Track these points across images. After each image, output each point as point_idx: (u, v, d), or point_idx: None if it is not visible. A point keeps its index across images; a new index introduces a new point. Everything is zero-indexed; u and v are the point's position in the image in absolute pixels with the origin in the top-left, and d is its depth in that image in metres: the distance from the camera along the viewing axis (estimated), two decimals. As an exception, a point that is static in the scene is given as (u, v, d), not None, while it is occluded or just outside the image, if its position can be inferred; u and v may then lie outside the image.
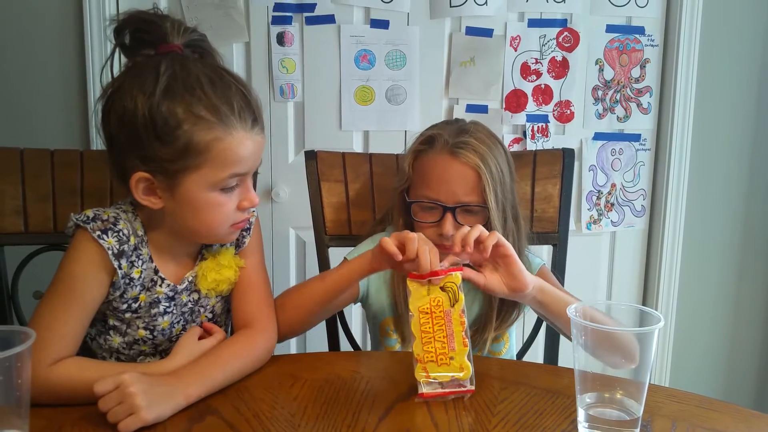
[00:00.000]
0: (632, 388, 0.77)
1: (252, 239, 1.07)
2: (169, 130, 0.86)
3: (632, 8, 1.84)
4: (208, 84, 0.88)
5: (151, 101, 0.86)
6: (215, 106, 0.87)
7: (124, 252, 0.92)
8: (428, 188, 1.11)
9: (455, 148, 1.09)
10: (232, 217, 0.93)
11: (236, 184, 0.92)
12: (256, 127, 0.91)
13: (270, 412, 0.84)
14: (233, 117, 0.88)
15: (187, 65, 0.89)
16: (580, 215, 1.93)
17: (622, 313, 0.84)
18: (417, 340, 0.89)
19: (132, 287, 0.94)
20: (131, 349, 0.99)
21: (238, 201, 0.93)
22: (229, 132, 0.88)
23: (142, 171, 0.89)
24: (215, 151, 0.87)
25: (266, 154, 1.81)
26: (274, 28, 1.77)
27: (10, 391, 0.70)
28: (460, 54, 1.81)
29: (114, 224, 0.92)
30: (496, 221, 1.09)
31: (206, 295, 1.02)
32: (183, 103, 0.86)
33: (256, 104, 0.93)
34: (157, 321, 0.98)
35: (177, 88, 0.86)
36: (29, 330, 0.72)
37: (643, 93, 1.90)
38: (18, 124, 1.77)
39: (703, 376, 2.06)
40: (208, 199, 0.90)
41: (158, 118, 0.86)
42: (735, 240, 1.99)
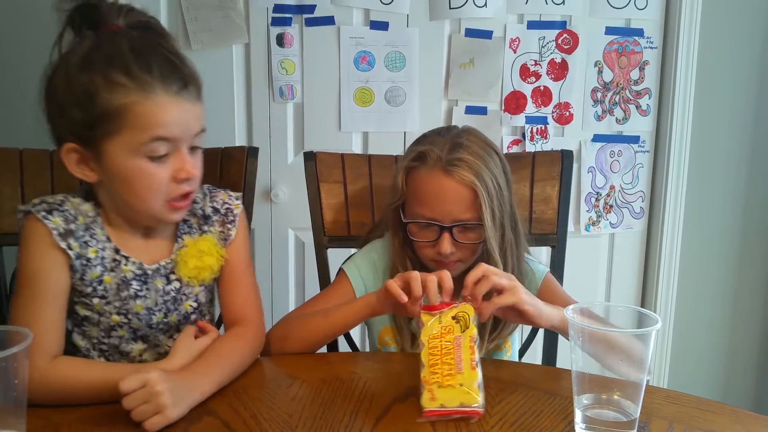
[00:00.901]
0: (629, 389, 0.77)
1: (239, 233, 1.06)
2: (88, 98, 0.87)
3: (631, 10, 1.84)
4: (130, 52, 0.89)
5: (70, 71, 0.88)
6: (132, 70, 0.87)
7: (72, 231, 0.92)
8: (423, 207, 1.08)
9: (449, 166, 1.05)
10: (166, 189, 0.92)
11: (166, 153, 0.90)
12: (184, 92, 0.90)
13: (267, 413, 0.84)
14: (152, 80, 0.88)
15: (114, 39, 0.90)
16: (578, 217, 1.93)
17: (620, 314, 0.84)
18: (426, 368, 0.86)
19: (90, 268, 0.94)
20: (110, 336, 0.98)
21: (172, 172, 0.91)
22: (147, 96, 0.88)
23: (70, 141, 0.90)
24: (132, 114, 0.87)
25: (265, 154, 1.81)
26: (274, 29, 1.77)
27: (7, 391, 0.70)
28: (459, 55, 1.82)
29: (60, 205, 0.93)
30: (492, 239, 1.07)
31: (188, 283, 1.01)
32: (101, 71, 0.88)
33: (189, 72, 0.92)
34: (129, 305, 0.96)
35: (97, 57, 0.88)
36: (26, 330, 0.72)
37: (642, 95, 1.91)
38: (17, 125, 1.77)
39: (701, 378, 2.06)
40: (135, 167, 0.89)
41: (76, 87, 0.88)
42: (733, 242, 1.99)
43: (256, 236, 1.85)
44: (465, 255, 1.10)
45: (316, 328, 1.06)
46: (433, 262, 1.11)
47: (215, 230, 1.04)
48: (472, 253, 1.11)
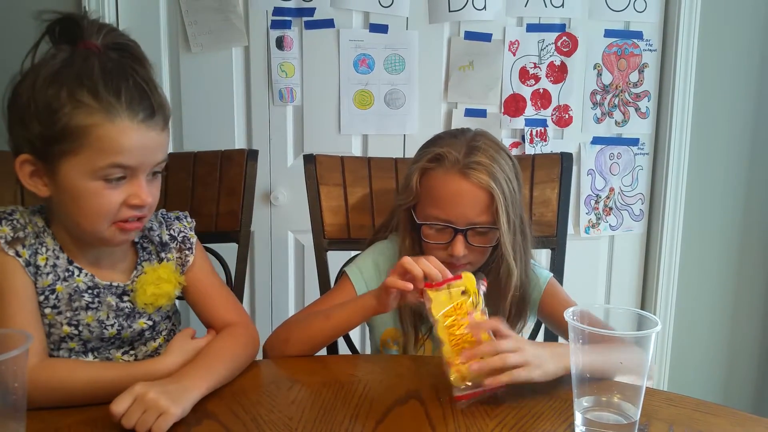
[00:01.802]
0: (629, 391, 0.77)
1: (196, 257, 1.06)
2: (51, 113, 0.86)
3: (630, 13, 1.85)
4: (101, 73, 0.87)
5: (38, 84, 0.87)
6: (99, 92, 0.86)
7: (19, 239, 0.91)
8: (438, 208, 1.08)
9: (466, 168, 1.05)
10: (115, 212, 0.90)
11: (123, 176, 0.89)
12: (149, 121, 0.88)
13: (267, 416, 0.84)
14: (118, 105, 0.86)
15: (88, 57, 0.88)
16: (578, 219, 1.93)
17: (620, 317, 0.84)
18: (446, 345, 0.88)
19: (41, 276, 0.92)
20: (59, 349, 0.96)
21: (126, 197, 0.89)
22: (110, 119, 0.86)
23: (26, 153, 0.89)
24: (93, 136, 0.86)
25: (265, 157, 1.81)
26: (274, 32, 1.77)
27: (6, 394, 0.70)
28: (458, 58, 1.82)
29: (9, 214, 0.93)
30: (507, 243, 1.07)
31: (143, 309, 0.99)
32: (68, 88, 0.86)
33: (158, 101, 0.90)
34: (80, 315, 0.95)
35: (66, 74, 0.87)
36: (25, 332, 0.72)
37: (642, 97, 1.91)
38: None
39: (701, 380, 2.06)
40: (88, 188, 0.88)
41: (41, 100, 0.86)
42: (733, 244, 1.99)
43: (256, 239, 1.85)
44: (476, 258, 1.11)
45: (317, 329, 1.06)
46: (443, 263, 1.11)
47: (173, 257, 1.04)
48: (483, 256, 1.12)
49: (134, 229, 0.94)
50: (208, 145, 1.38)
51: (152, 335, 1.03)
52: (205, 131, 1.80)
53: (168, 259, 1.03)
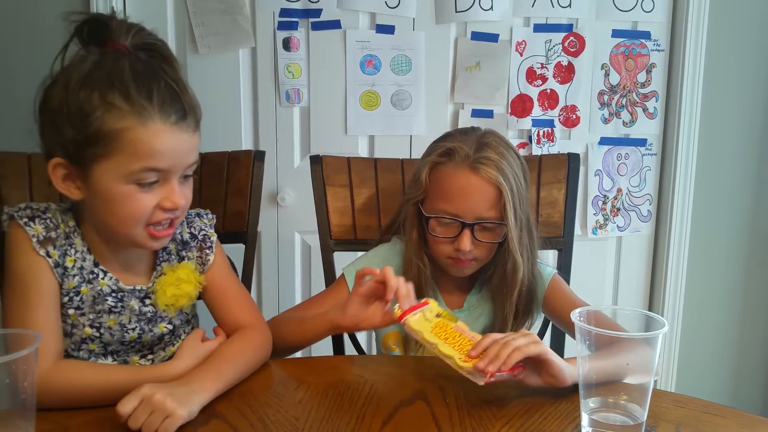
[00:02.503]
0: (636, 393, 0.77)
1: (216, 256, 1.06)
2: (83, 116, 0.85)
3: (638, 13, 1.84)
4: (132, 75, 0.86)
5: (70, 87, 0.86)
6: (131, 95, 0.85)
7: (51, 239, 0.91)
8: (446, 202, 1.09)
9: (476, 163, 1.06)
10: (149, 215, 0.89)
11: (156, 180, 0.88)
12: (181, 123, 0.88)
13: (274, 416, 0.85)
14: (151, 108, 0.85)
15: (118, 59, 0.87)
16: (586, 220, 1.92)
17: (628, 318, 0.84)
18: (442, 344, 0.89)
19: (68, 277, 0.93)
20: (80, 350, 0.97)
21: (159, 200, 0.89)
22: (143, 122, 0.85)
23: (58, 156, 0.88)
24: (126, 140, 0.85)
25: (272, 158, 1.82)
26: (280, 33, 1.78)
27: (15, 393, 0.71)
28: (465, 59, 1.82)
29: (43, 212, 0.93)
30: (514, 239, 1.08)
31: (164, 311, 1.00)
32: (99, 91, 0.85)
33: (189, 102, 0.90)
34: (102, 318, 0.95)
35: (98, 76, 0.86)
36: (35, 333, 0.73)
37: (649, 98, 1.90)
38: (25, 130, 1.78)
39: (709, 382, 2.05)
40: (121, 192, 0.87)
41: (73, 104, 0.85)
42: (741, 245, 1.98)
43: (263, 240, 1.85)
44: (481, 254, 1.11)
45: (290, 334, 1.08)
46: (449, 259, 1.12)
47: (193, 255, 1.03)
48: (488, 252, 1.12)
49: (166, 236, 0.93)
50: (215, 146, 1.38)
51: (171, 340, 1.03)
52: (212, 132, 1.78)
53: (189, 258, 1.03)
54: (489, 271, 1.16)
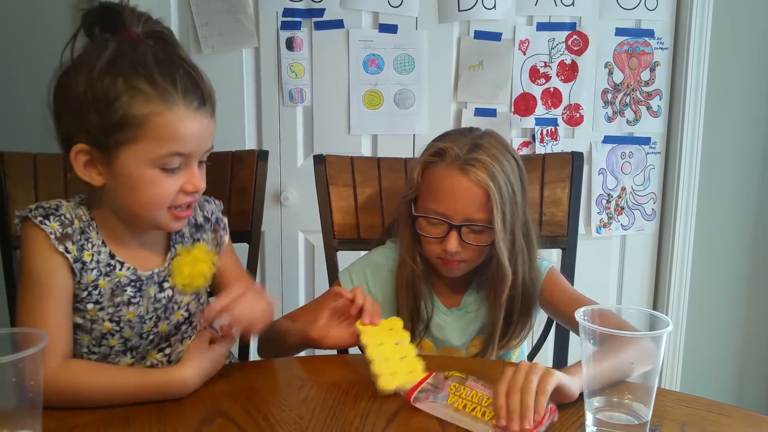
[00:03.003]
0: (641, 392, 0.77)
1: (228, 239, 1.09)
2: (108, 102, 0.86)
3: (642, 11, 1.83)
4: (154, 61, 0.88)
5: (93, 74, 0.87)
6: (156, 80, 0.86)
7: (68, 235, 0.92)
8: (435, 202, 1.09)
9: (465, 165, 1.05)
10: (172, 199, 0.91)
11: (179, 165, 0.90)
12: (202, 109, 0.90)
13: (279, 415, 0.85)
14: (175, 93, 0.87)
15: (138, 46, 0.89)
16: (589, 219, 1.92)
17: (632, 317, 0.84)
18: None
19: (86, 271, 0.93)
20: (100, 345, 0.97)
21: (182, 184, 0.91)
22: (168, 107, 0.87)
23: (81, 143, 0.89)
24: (152, 125, 0.86)
25: (275, 158, 1.82)
26: (284, 33, 1.78)
27: (23, 392, 0.71)
28: (468, 58, 1.82)
29: (56, 209, 0.93)
30: (501, 243, 1.07)
31: (182, 291, 1.01)
32: (124, 77, 0.86)
33: (207, 89, 0.92)
34: (122, 311, 0.96)
35: (121, 63, 0.87)
36: (42, 332, 0.73)
37: (653, 96, 1.90)
38: (31, 130, 1.78)
39: (714, 381, 2.05)
40: (146, 176, 0.89)
41: (98, 90, 0.86)
42: (746, 243, 1.98)
43: (267, 239, 1.86)
44: (470, 256, 1.11)
45: (275, 341, 1.10)
46: (438, 259, 1.12)
47: (208, 237, 1.06)
48: (477, 255, 1.11)
49: (187, 216, 0.96)
50: (218, 145, 1.38)
51: (187, 331, 1.04)
52: (216, 132, 1.80)
53: (204, 240, 1.05)
54: (484, 273, 1.16)
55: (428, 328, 1.17)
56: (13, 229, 1.23)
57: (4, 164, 1.23)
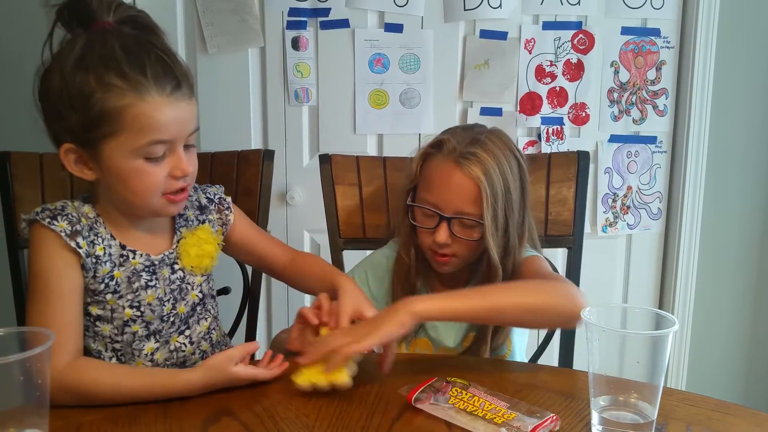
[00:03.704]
0: (646, 391, 0.77)
1: (237, 215, 1.12)
2: (83, 100, 0.87)
3: (648, 10, 1.83)
4: (122, 53, 0.88)
5: (65, 73, 0.88)
6: (126, 72, 0.87)
7: (78, 231, 0.93)
8: (429, 193, 1.09)
9: (460, 158, 1.06)
10: (162, 186, 0.93)
11: (163, 153, 0.91)
12: (177, 93, 0.90)
13: (284, 413, 0.85)
14: (146, 82, 0.87)
15: (105, 38, 0.89)
16: (595, 218, 1.92)
17: (638, 316, 0.84)
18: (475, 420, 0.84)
19: (101, 264, 0.95)
20: (123, 333, 0.99)
21: (169, 170, 0.92)
22: (141, 97, 0.87)
23: (67, 142, 0.91)
24: (129, 117, 0.87)
25: (281, 157, 1.82)
26: (289, 32, 1.78)
27: (30, 390, 0.72)
28: (474, 57, 1.82)
29: (62, 210, 0.94)
30: (490, 239, 1.06)
31: (191, 272, 1.03)
32: (95, 73, 0.87)
33: (181, 71, 0.92)
34: (141, 296, 0.98)
35: (90, 58, 0.88)
36: (48, 331, 0.74)
37: (659, 95, 1.89)
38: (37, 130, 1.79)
39: (720, 381, 2.04)
40: (132, 167, 0.90)
41: (72, 88, 0.87)
42: (752, 243, 1.97)
43: (272, 238, 1.86)
44: (461, 251, 1.10)
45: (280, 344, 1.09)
46: (430, 252, 1.12)
47: (213, 218, 1.08)
48: (468, 250, 1.11)
49: (182, 200, 0.97)
50: (224, 145, 1.39)
51: (202, 312, 1.06)
52: (221, 132, 1.81)
53: (209, 221, 1.07)
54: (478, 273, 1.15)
55: (423, 325, 1.17)
56: (19, 230, 1.24)
57: (11, 164, 1.24)
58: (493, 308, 0.96)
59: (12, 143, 1.31)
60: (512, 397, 0.86)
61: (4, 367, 0.69)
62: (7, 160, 1.24)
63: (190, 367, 0.95)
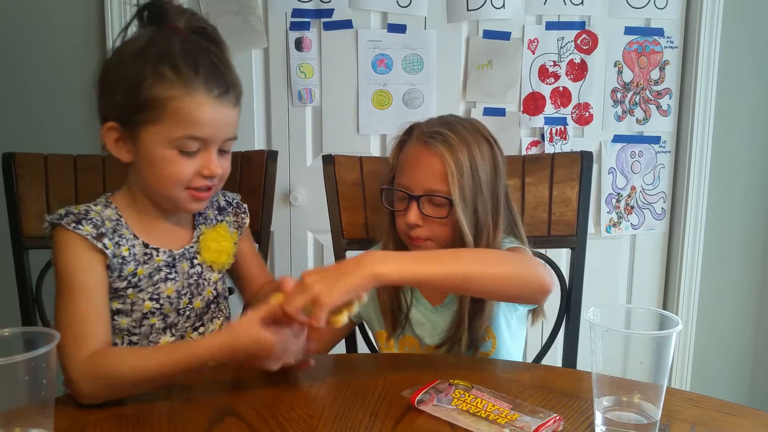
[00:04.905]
0: (650, 391, 0.77)
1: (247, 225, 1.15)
2: (134, 84, 0.93)
3: (651, 10, 1.83)
4: (181, 50, 0.94)
5: (125, 58, 0.95)
6: (179, 67, 0.93)
7: (103, 234, 0.96)
8: (401, 175, 1.12)
9: (427, 138, 1.09)
10: (188, 180, 0.96)
11: (198, 149, 0.95)
12: (224, 97, 0.95)
13: (288, 413, 0.85)
14: (196, 80, 0.93)
15: (170, 37, 0.95)
16: (599, 218, 1.91)
17: (641, 316, 0.84)
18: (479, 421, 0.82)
19: (126, 264, 0.98)
20: (141, 326, 1.01)
21: (198, 167, 0.96)
22: (188, 92, 0.92)
23: (112, 120, 0.96)
24: (171, 108, 0.92)
25: (284, 158, 1.83)
26: (293, 33, 1.78)
27: (35, 390, 0.72)
28: (477, 57, 1.82)
29: (85, 214, 0.97)
30: (461, 214, 1.06)
31: (210, 266, 1.07)
32: (151, 63, 0.93)
33: (232, 79, 0.97)
34: (160, 289, 1.01)
35: (150, 50, 0.94)
36: (53, 331, 0.74)
37: (663, 95, 1.89)
38: (42, 131, 1.80)
39: (724, 381, 2.03)
40: (164, 156, 0.94)
41: (128, 73, 0.94)
42: (756, 242, 1.96)
43: (276, 239, 1.86)
44: (435, 233, 1.10)
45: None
46: (406, 237, 1.13)
47: (230, 219, 1.13)
48: (441, 232, 1.10)
49: (205, 198, 1.00)
50: (228, 146, 1.39)
51: (216, 311, 1.09)
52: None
53: (227, 221, 1.11)
54: None
55: (408, 318, 1.17)
56: (25, 230, 1.25)
57: (16, 165, 1.25)
58: (460, 276, 0.93)
59: (16, 145, 1.32)
60: (515, 398, 0.86)
61: (9, 367, 0.69)
62: (11, 161, 1.25)
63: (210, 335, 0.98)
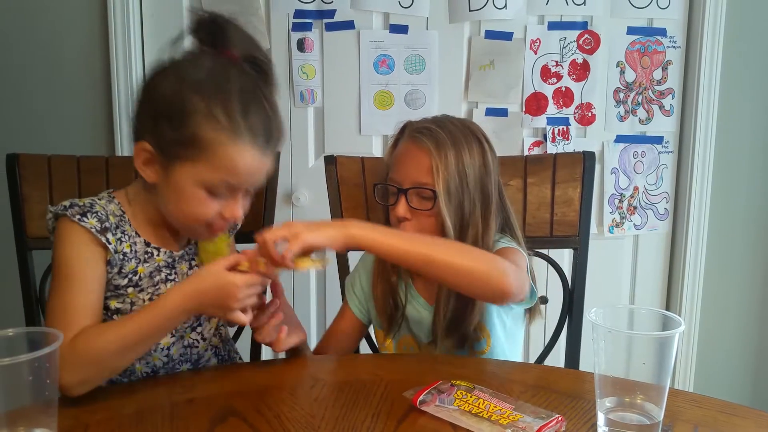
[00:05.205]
0: (653, 392, 0.77)
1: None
2: (183, 116, 0.90)
3: (653, 10, 1.82)
4: (237, 92, 0.92)
5: (180, 86, 0.92)
6: (231, 112, 0.91)
7: (107, 228, 0.95)
8: (394, 172, 1.13)
9: (416, 133, 1.10)
10: (209, 219, 0.96)
11: (225, 192, 0.94)
12: (266, 150, 0.94)
13: (290, 413, 0.85)
14: (244, 127, 0.91)
15: (229, 72, 0.93)
16: (602, 218, 1.91)
17: (644, 317, 0.83)
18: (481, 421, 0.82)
19: (128, 261, 0.98)
20: None
21: (222, 209, 0.95)
22: (233, 140, 0.91)
23: (148, 142, 0.93)
24: (213, 151, 0.91)
25: (286, 158, 1.83)
26: (295, 34, 1.79)
27: (39, 390, 0.72)
28: (479, 57, 1.82)
29: (90, 207, 0.96)
30: (443, 207, 1.07)
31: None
32: (205, 99, 0.90)
33: (277, 129, 0.96)
34: (160, 289, 1.01)
35: (208, 85, 0.92)
36: (57, 331, 0.74)
37: (666, 95, 1.89)
38: (45, 132, 1.81)
39: (727, 381, 2.03)
40: (193, 193, 0.93)
41: (178, 103, 0.91)
42: (759, 243, 1.96)
43: (278, 239, 1.86)
44: (422, 226, 1.10)
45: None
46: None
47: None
48: (428, 224, 1.10)
49: (220, 231, 1.00)
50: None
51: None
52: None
53: None
54: None
55: (404, 315, 1.17)
56: (29, 230, 1.25)
57: (19, 166, 1.25)
58: (425, 258, 0.97)
59: (20, 146, 1.32)
60: (517, 399, 0.86)
61: (13, 367, 0.69)
62: (15, 162, 1.25)
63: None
